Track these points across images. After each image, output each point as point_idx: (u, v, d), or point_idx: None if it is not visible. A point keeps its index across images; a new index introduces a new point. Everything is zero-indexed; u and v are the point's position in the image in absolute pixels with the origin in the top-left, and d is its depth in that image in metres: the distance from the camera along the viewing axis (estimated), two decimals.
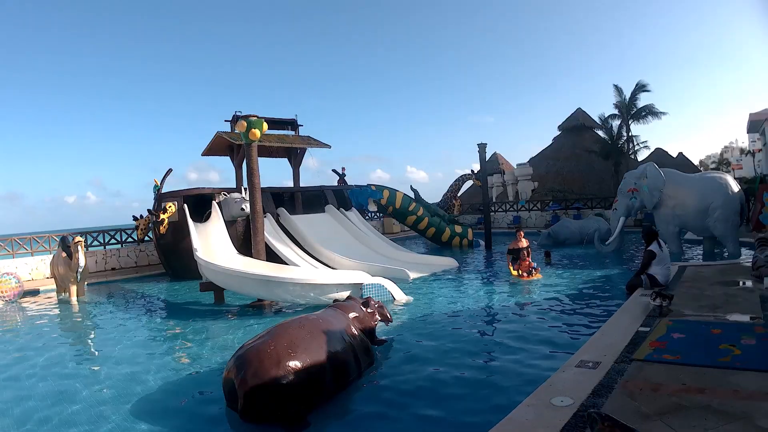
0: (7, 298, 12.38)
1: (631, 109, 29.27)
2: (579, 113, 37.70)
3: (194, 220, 14.40)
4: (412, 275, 12.11)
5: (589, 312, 7.92)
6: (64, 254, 12.68)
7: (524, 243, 11.48)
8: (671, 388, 3.71)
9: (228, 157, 19.31)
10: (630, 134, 30.03)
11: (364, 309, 6.37)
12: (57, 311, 11.61)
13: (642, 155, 31.98)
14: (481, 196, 20.63)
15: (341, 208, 18.09)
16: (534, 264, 11.22)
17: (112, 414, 4.88)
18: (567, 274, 11.65)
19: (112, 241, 19.18)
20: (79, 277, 12.48)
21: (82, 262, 12.16)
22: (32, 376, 6.37)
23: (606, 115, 30.46)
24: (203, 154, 19.33)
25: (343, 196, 19.04)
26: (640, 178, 13.45)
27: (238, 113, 16.08)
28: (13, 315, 11.23)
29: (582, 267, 12.60)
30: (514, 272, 11.16)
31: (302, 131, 19.76)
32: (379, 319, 6.66)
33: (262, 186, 11.25)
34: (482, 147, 18.60)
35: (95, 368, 6.75)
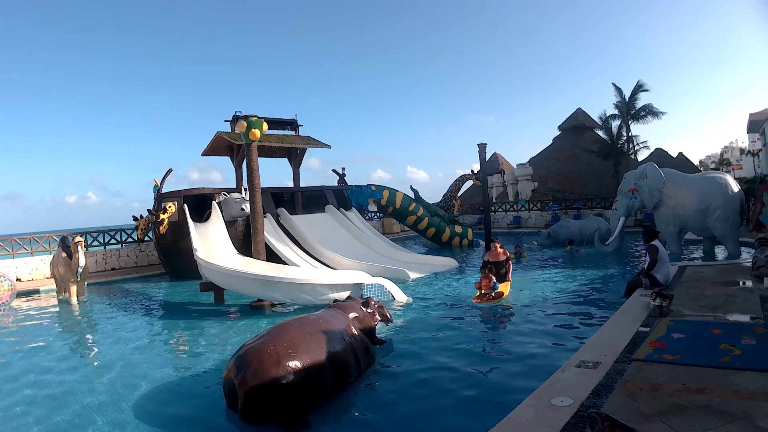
0: (0, 302, 12.33)
1: (630, 109, 29.26)
2: (579, 113, 37.69)
3: (194, 220, 14.40)
4: (412, 275, 12.11)
5: (589, 312, 7.93)
6: (64, 254, 12.67)
7: (502, 256, 9.82)
8: (671, 388, 3.71)
9: (229, 157, 19.32)
10: (630, 134, 30.03)
11: (364, 309, 6.37)
12: (57, 311, 11.61)
13: (642, 155, 32.02)
14: (481, 196, 20.62)
15: (341, 208, 18.09)
16: (495, 284, 9.08)
17: (111, 414, 4.88)
18: (567, 274, 11.65)
19: (112, 241, 19.19)
20: (79, 277, 12.47)
21: (82, 262, 12.15)
22: (31, 377, 6.36)
23: (606, 115, 30.45)
24: (203, 154, 19.37)
25: (343, 196, 19.04)
26: (640, 178, 13.45)
27: (238, 113, 16.10)
28: (7, 318, 11.15)
29: (582, 267, 12.59)
30: (478, 293, 9.17)
31: (302, 131, 19.79)
32: (379, 319, 6.67)
33: (262, 186, 11.25)
34: (482, 147, 18.58)
35: (95, 368, 6.75)
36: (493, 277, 9.13)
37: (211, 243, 13.33)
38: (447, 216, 20.65)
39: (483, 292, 9.01)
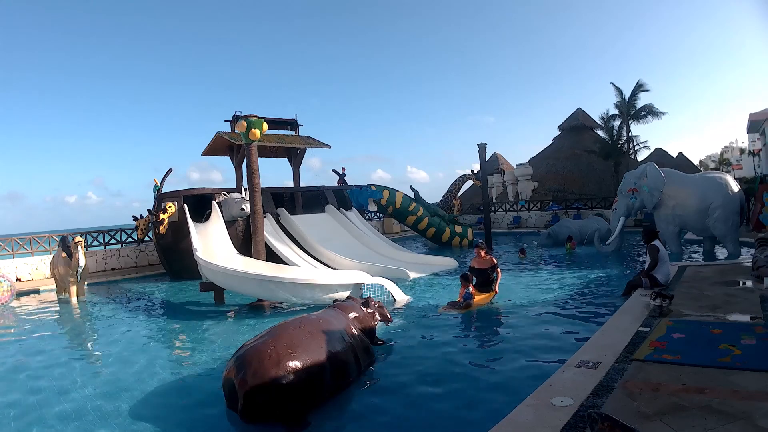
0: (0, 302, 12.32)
1: (630, 109, 29.25)
2: (579, 113, 37.65)
3: (194, 220, 14.39)
4: (412, 275, 12.11)
5: (589, 312, 7.92)
6: (64, 254, 12.67)
7: (487, 263, 8.95)
8: (671, 388, 3.71)
9: (229, 157, 19.32)
10: (630, 134, 30.02)
11: (364, 309, 6.37)
12: (57, 311, 11.60)
13: (642, 155, 31.99)
14: (481, 196, 20.62)
15: (341, 208, 18.08)
16: (467, 293, 8.40)
17: (111, 414, 4.87)
18: (567, 274, 11.64)
19: (112, 241, 19.19)
20: (79, 277, 12.47)
21: (82, 262, 12.15)
22: (31, 377, 6.36)
23: (608, 115, 30.43)
24: (203, 154, 19.35)
25: (343, 196, 19.03)
26: (640, 178, 13.45)
27: (238, 113, 16.08)
28: (7, 318, 11.13)
29: (582, 267, 12.59)
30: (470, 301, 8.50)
31: (303, 131, 19.78)
32: (379, 319, 6.66)
33: (262, 186, 11.24)
34: (482, 147, 18.59)
35: (95, 368, 6.75)
36: (470, 286, 8.52)
37: (211, 243, 13.32)
38: (447, 216, 20.65)
39: (458, 300, 8.45)
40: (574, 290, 9.70)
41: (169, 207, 14.95)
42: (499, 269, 9.09)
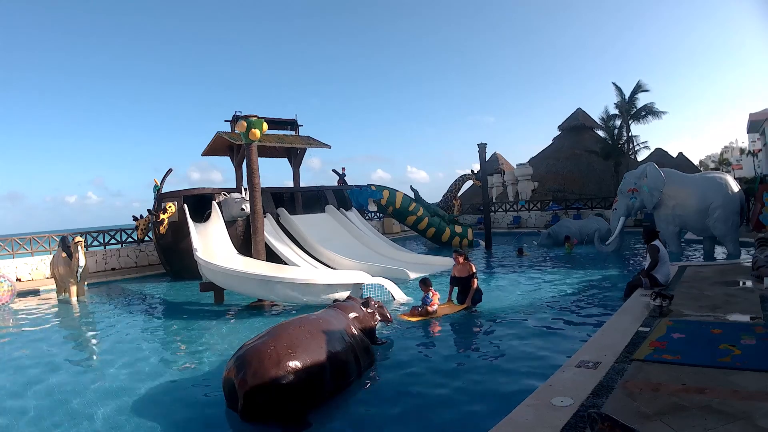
0: (0, 302, 12.31)
1: (631, 109, 29.24)
2: (579, 113, 37.65)
3: (194, 220, 14.40)
4: (412, 275, 12.10)
5: (589, 312, 7.92)
6: (64, 254, 12.66)
7: (465, 271, 8.38)
8: (671, 388, 3.71)
9: (229, 157, 19.31)
10: (630, 134, 30.01)
11: (364, 309, 6.37)
12: (57, 311, 11.60)
13: (642, 155, 32.01)
14: (481, 196, 20.62)
15: (341, 208, 18.08)
16: (427, 298, 8.05)
17: (111, 414, 4.87)
18: (567, 274, 11.64)
19: (112, 241, 19.18)
20: (79, 277, 12.47)
21: (82, 262, 12.14)
22: (31, 376, 6.36)
23: (608, 114, 30.41)
24: (203, 155, 19.35)
25: (343, 196, 19.03)
26: (640, 178, 13.45)
27: (238, 113, 16.08)
28: (7, 319, 11.09)
29: (582, 267, 12.59)
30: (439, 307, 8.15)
31: (303, 131, 19.77)
32: (379, 319, 6.66)
33: (262, 186, 11.24)
34: (482, 147, 18.59)
35: (94, 368, 6.74)
36: (431, 291, 8.07)
37: (211, 243, 13.32)
38: (447, 216, 20.65)
39: (420, 308, 8.05)
40: (574, 290, 9.69)
41: (169, 207, 14.94)
42: (476, 279, 8.36)
